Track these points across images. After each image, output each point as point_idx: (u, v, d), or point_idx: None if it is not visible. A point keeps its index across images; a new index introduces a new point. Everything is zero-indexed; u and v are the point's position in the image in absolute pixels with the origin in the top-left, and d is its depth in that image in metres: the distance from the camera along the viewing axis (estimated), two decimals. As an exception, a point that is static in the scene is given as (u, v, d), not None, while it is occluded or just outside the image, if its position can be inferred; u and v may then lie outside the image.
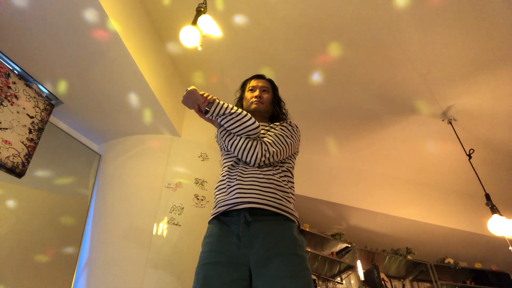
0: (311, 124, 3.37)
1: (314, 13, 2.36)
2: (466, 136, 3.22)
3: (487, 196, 2.62)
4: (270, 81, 1.68)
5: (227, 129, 1.36)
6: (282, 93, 1.71)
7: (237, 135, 1.35)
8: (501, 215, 2.47)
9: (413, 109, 3.08)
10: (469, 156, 2.87)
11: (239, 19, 2.46)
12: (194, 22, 1.97)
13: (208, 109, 1.33)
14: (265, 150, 1.31)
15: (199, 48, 2.00)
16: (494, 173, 3.65)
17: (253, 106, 1.55)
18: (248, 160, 1.32)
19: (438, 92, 2.88)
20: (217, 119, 1.36)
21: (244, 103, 1.62)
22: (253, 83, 1.63)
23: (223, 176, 1.39)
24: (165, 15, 2.52)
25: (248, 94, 1.61)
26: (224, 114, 1.33)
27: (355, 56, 2.64)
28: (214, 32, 2.10)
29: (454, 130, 3.07)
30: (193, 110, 1.38)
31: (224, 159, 1.46)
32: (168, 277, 2.33)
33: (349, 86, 2.92)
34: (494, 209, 2.53)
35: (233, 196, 1.26)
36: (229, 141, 1.36)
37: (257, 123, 1.36)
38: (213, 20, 2.02)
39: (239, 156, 1.34)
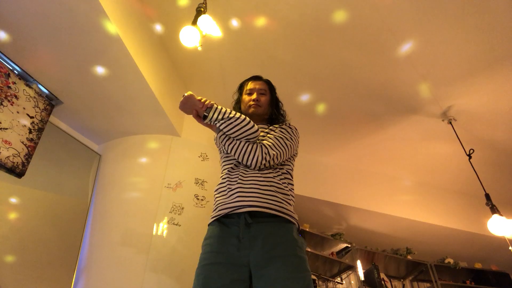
0: (311, 124, 3.36)
1: (314, 13, 2.36)
2: (466, 136, 3.22)
3: (487, 196, 2.62)
4: (268, 82, 1.66)
5: (226, 133, 1.36)
6: (281, 93, 1.71)
7: (237, 139, 1.35)
8: (501, 215, 2.47)
9: (413, 109, 3.08)
10: (469, 156, 2.86)
11: (239, 19, 2.46)
12: (194, 22, 1.97)
13: (207, 114, 1.33)
14: (265, 153, 1.31)
15: (199, 48, 2.00)
16: (494, 173, 3.65)
17: (251, 110, 1.54)
18: (248, 163, 1.32)
19: (438, 92, 2.88)
20: (216, 124, 1.35)
21: (242, 106, 1.60)
22: (250, 85, 1.61)
23: (223, 178, 1.39)
24: (165, 15, 2.51)
25: (245, 97, 1.59)
26: (222, 119, 1.32)
27: (355, 56, 2.64)
28: (214, 32, 2.10)
29: (454, 130, 3.07)
30: None
31: (224, 161, 1.46)
32: (168, 277, 2.33)
33: (349, 86, 2.92)
34: (494, 209, 2.53)
35: (234, 199, 1.26)
36: (229, 145, 1.36)
37: (256, 127, 1.35)
38: (213, 20, 2.01)
39: (240, 160, 1.34)
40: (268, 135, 1.43)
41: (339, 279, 3.67)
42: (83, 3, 1.84)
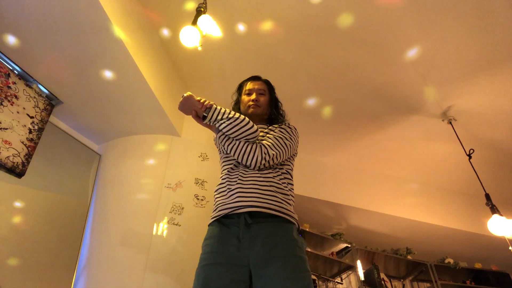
0: (311, 124, 3.36)
1: (314, 13, 2.36)
2: (466, 136, 3.22)
3: (487, 196, 2.62)
4: (267, 82, 1.66)
5: (226, 133, 1.36)
6: (281, 93, 1.71)
7: (236, 139, 1.35)
8: (501, 215, 2.47)
9: (413, 109, 3.08)
10: (469, 156, 2.87)
11: (240, 19, 2.45)
12: (194, 22, 1.97)
13: (206, 115, 1.33)
14: (264, 153, 1.31)
15: (199, 48, 2.00)
16: (494, 173, 3.65)
17: (250, 110, 1.54)
18: (248, 163, 1.32)
19: (438, 92, 2.88)
20: (215, 124, 1.36)
21: (241, 107, 1.60)
22: (249, 85, 1.61)
23: (222, 179, 1.39)
24: (165, 15, 2.51)
25: (245, 98, 1.59)
26: (222, 119, 1.33)
27: (355, 56, 2.64)
28: (214, 32, 2.10)
29: (454, 130, 3.07)
30: None
31: (223, 162, 1.46)
32: (168, 277, 2.33)
33: (349, 86, 2.92)
34: (494, 209, 2.53)
35: (234, 200, 1.26)
36: (228, 145, 1.35)
37: (255, 127, 1.35)
38: (213, 20, 2.01)
39: (239, 160, 1.34)
40: (268, 135, 1.43)
41: (339, 279, 3.67)
42: (84, 4, 1.84)
